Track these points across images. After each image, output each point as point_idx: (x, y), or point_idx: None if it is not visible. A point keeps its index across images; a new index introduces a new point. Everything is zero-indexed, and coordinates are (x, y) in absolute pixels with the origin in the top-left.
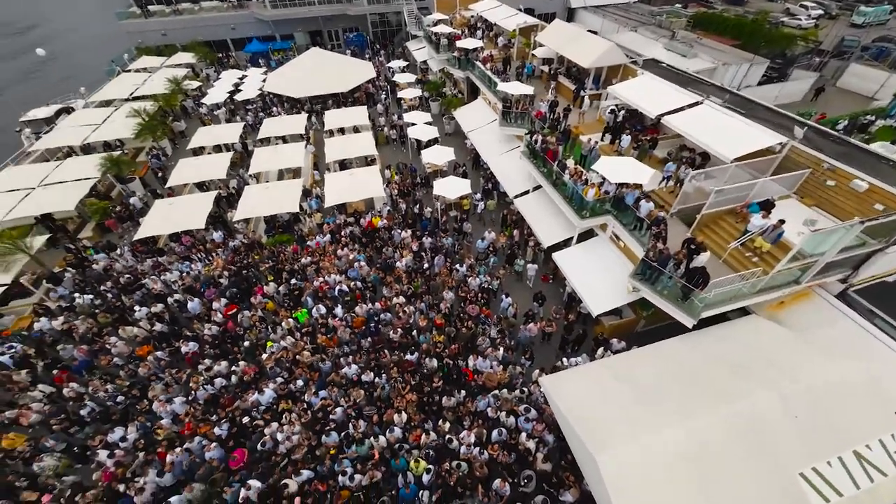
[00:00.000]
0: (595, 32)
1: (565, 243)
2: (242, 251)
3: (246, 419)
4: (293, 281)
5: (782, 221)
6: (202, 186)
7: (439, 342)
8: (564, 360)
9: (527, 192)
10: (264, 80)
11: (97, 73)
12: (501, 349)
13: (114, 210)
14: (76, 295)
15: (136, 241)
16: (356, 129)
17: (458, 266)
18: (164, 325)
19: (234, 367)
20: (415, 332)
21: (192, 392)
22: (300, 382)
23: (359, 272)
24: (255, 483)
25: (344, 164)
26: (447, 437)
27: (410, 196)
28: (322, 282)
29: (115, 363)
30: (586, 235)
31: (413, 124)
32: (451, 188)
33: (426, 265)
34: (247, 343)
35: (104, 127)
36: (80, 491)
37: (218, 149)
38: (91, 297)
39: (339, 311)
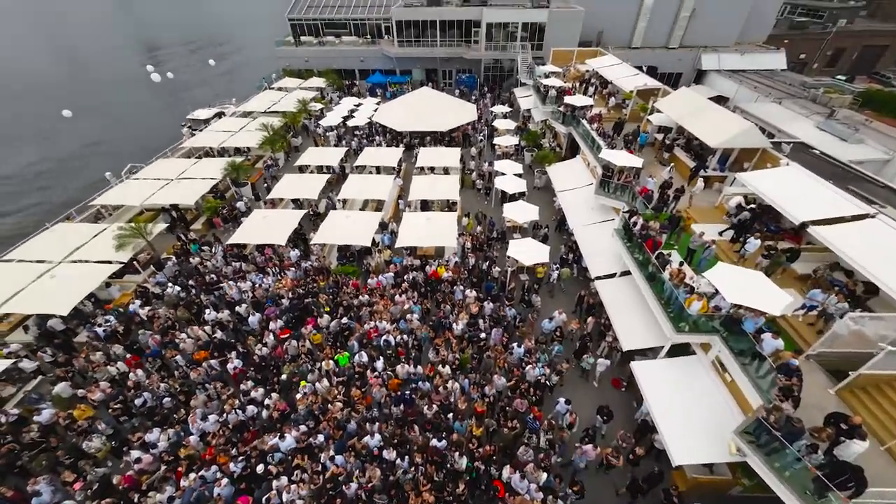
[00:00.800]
0: (726, 99)
1: (651, 351)
2: (311, 274)
3: (260, 466)
4: (345, 320)
5: None
6: (297, 201)
7: (476, 436)
8: None
9: (613, 276)
10: (375, 110)
11: (251, 87)
12: (546, 474)
13: (222, 210)
14: (169, 284)
15: (229, 244)
16: (445, 170)
17: (515, 345)
18: (225, 334)
19: (267, 400)
20: (451, 415)
21: (226, 414)
22: (321, 437)
23: (408, 325)
24: None
25: (425, 204)
26: None
27: (482, 251)
28: (372, 327)
29: (176, 360)
30: (680, 349)
31: (503, 174)
32: (527, 252)
33: (482, 335)
34: (284, 376)
35: (239, 134)
36: (104, 489)
37: (320, 169)
38: (179, 289)
39: (379, 364)
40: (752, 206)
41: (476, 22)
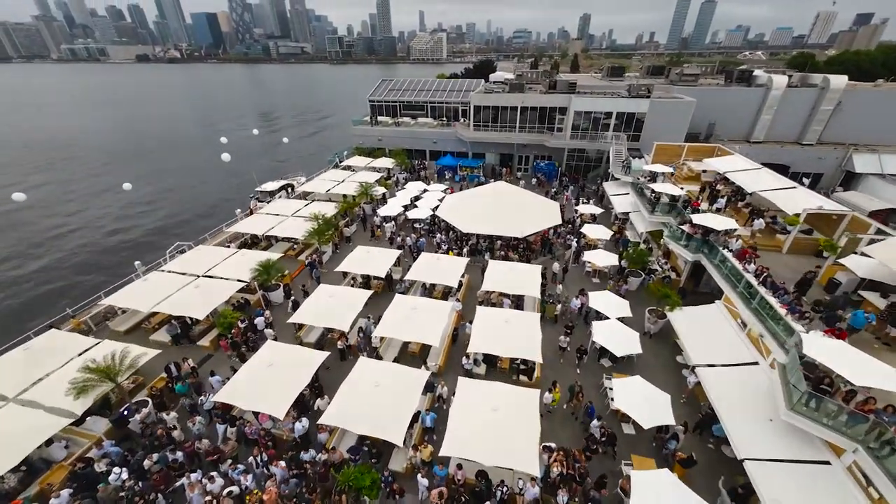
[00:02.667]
0: None
1: None
2: (311, 481)
3: None
4: None
5: None
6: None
7: None
8: None
9: None
10: (441, 200)
11: (324, 161)
12: None
13: (236, 325)
14: (115, 470)
15: (218, 401)
16: (518, 298)
17: None
18: None
19: None
20: None
21: None
22: None
23: None
24: None
25: (491, 360)
26: None
27: (581, 483)
28: None
29: None
30: None
31: (605, 317)
32: None
33: None
34: None
35: (287, 221)
36: None
37: (366, 280)
38: (127, 475)
39: None
40: None
41: (562, 109)
